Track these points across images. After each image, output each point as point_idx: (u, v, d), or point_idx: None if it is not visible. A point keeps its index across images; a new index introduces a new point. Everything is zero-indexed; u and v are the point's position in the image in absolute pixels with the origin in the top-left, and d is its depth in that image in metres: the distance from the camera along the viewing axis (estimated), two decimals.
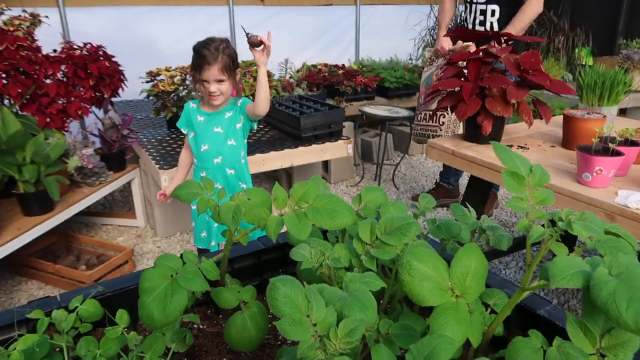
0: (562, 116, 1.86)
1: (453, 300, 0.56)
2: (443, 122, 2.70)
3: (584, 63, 5.21)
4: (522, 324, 0.72)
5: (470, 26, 2.76)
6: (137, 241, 2.94)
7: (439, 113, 2.72)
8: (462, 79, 1.68)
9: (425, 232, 0.83)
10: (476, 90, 1.58)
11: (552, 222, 0.59)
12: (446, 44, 2.74)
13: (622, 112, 4.67)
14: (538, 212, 0.58)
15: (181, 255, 0.70)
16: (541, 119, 1.77)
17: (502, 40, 1.74)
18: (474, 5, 2.73)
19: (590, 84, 1.81)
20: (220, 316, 0.89)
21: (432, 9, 5.66)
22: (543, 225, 0.56)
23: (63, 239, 2.80)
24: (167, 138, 3.04)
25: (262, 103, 1.83)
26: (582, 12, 5.65)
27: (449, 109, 2.01)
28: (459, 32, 1.85)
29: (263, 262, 0.96)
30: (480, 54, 1.62)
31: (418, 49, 5.56)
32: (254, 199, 0.73)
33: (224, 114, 1.93)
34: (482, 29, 2.67)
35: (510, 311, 0.64)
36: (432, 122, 2.76)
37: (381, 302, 0.71)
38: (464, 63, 1.71)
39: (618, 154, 1.41)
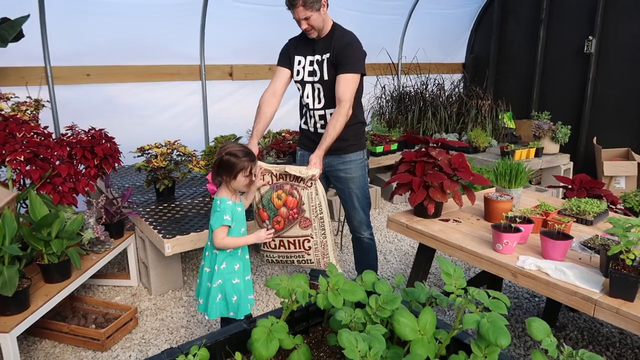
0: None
1: (420, 336, 1.12)
2: (309, 247, 2.63)
3: (507, 126, 6.14)
4: (456, 348, 1.29)
5: (312, 130, 2.90)
6: (133, 300, 3.33)
7: (302, 238, 2.62)
8: (411, 173, 2.31)
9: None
10: (422, 184, 2.22)
11: (465, 291, 1.17)
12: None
13: (540, 170, 5.57)
14: (459, 291, 1.16)
15: (268, 316, 1.22)
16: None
17: (437, 145, 2.40)
18: (311, 112, 2.85)
19: (502, 172, 2.49)
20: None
21: (378, 79, 6.47)
22: (460, 296, 1.14)
23: (68, 301, 3.15)
24: (160, 207, 3.49)
25: None
26: (502, 87, 6.69)
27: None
28: (407, 137, 2.50)
29: (309, 312, 1.48)
30: (424, 157, 2.26)
31: (368, 115, 6.32)
32: (304, 286, 1.27)
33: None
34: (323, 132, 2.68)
35: (449, 341, 1.21)
36: (295, 248, 2.66)
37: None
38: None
39: (518, 230, 2.06)
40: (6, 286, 2.26)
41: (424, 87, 6.12)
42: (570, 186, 2.97)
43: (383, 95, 6.39)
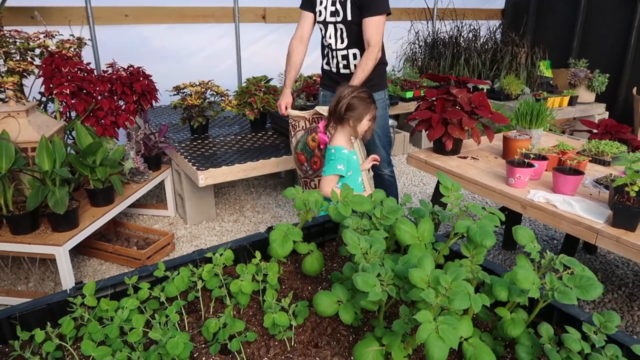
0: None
1: (418, 242, 1.26)
2: None
3: (544, 75, 6.00)
4: (451, 257, 1.43)
5: (334, 70, 2.97)
6: (170, 228, 3.60)
7: None
8: (431, 111, 2.39)
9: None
10: (441, 120, 2.29)
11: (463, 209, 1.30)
12: (284, 103, 2.90)
13: (574, 120, 5.48)
14: (456, 203, 1.28)
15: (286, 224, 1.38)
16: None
17: (461, 83, 2.45)
18: (334, 52, 2.91)
19: (523, 112, 2.53)
20: (293, 259, 1.57)
21: (412, 24, 6.36)
22: (459, 209, 1.26)
23: (112, 226, 3.44)
24: (195, 143, 3.69)
25: None
26: (541, 35, 6.45)
27: None
28: (429, 76, 2.55)
29: (325, 228, 1.64)
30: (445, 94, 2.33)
31: (400, 61, 6.27)
32: (320, 198, 1.42)
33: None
34: (347, 72, 2.86)
35: (447, 251, 1.34)
36: None
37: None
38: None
39: (531, 165, 2.14)
40: (58, 205, 2.52)
41: (458, 33, 5.99)
42: (595, 130, 2.98)
43: (416, 41, 6.30)
